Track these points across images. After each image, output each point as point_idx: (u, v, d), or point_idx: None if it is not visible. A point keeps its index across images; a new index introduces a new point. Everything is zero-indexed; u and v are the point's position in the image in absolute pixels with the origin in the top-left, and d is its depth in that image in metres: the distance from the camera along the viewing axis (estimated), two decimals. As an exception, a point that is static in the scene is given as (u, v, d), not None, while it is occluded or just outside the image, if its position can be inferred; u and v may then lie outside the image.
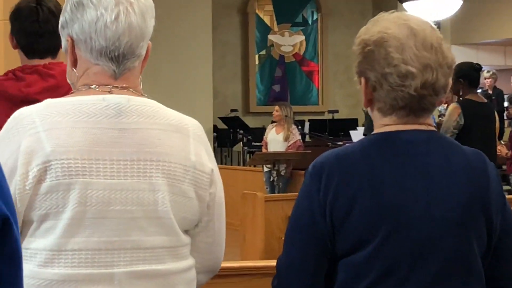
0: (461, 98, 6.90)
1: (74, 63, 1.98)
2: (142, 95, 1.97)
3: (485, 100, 7.20)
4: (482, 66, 7.02)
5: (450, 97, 8.02)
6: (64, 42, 1.99)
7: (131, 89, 1.95)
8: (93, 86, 1.93)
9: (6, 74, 2.82)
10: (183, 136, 1.94)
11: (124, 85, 1.94)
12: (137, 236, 1.88)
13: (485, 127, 6.73)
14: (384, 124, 2.01)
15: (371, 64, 1.98)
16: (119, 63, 1.93)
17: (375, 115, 2.04)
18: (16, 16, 2.86)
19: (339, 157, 1.97)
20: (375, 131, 2.03)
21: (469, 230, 1.95)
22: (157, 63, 11.29)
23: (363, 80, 2.02)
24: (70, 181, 1.83)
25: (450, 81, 2.02)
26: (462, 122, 6.54)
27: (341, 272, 1.97)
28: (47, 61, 2.86)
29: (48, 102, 1.91)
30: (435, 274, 1.93)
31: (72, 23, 1.94)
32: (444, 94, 2.01)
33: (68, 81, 2.02)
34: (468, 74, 6.81)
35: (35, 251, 1.85)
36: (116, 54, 1.91)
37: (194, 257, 2.02)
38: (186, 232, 1.98)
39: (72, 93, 1.97)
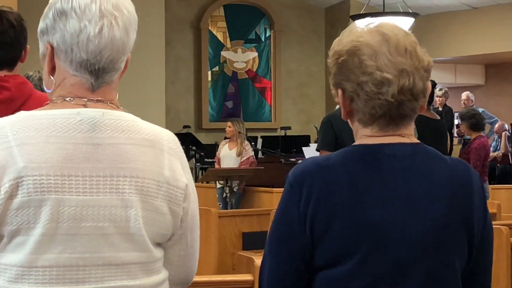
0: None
1: (52, 71, 1.94)
2: (118, 108, 1.94)
3: (438, 117, 7.27)
4: (436, 82, 7.08)
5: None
6: (42, 48, 1.95)
7: (107, 102, 1.92)
8: (68, 99, 1.90)
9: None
10: (157, 151, 1.92)
11: (99, 98, 1.91)
12: (109, 253, 1.86)
13: (437, 143, 6.78)
14: (365, 135, 1.98)
15: (346, 75, 1.96)
16: (98, 77, 1.90)
17: (356, 127, 2.01)
18: None
19: (321, 167, 1.94)
20: (357, 142, 2.00)
21: (450, 248, 1.94)
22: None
23: (340, 91, 1.99)
24: (42, 197, 1.81)
25: (429, 84, 1.99)
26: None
27: (319, 286, 1.94)
28: (2, 73, 2.82)
29: (22, 115, 1.88)
30: None
31: (54, 31, 1.90)
32: (424, 98, 1.97)
33: (45, 88, 1.98)
34: None
35: (5, 267, 1.83)
36: (96, 67, 1.89)
37: (167, 269, 2.01)
38: (158, 245, 1.96)
39: (47, 104, 1.94)
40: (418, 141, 2.01)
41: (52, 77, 1.94)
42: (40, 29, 1.95)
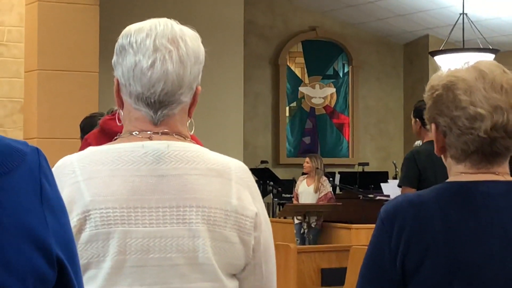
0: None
1: (121, 105, 1.98)
2: (185, 139, 1.95)
3: None
4: None
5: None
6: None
7: (173, 134, 1.94)
8: (134, 133, 1.93)
9: (113, 114, 2.93)
10: (224, 180, 1.92)
11: (165, 130, 1.93)
12: (179, 284, 1.86)
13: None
14: (458, 172, 1.97)
15: (440, 109, 1.96)
16: (156, 110, 1.92)
17: (449, 163, 2.00)
18: None
19: (413, 204, 1.93)
20: (450, 179, 1.98)
21: None
22: (189, 113, 11.34)
23: (433, 126, 1.99)
24: (109, 230, 1.83)
25: None
26: None
27: None
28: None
29: (90, 150, 1.93)
30: None
31: (118, 66, 1.95)
32: None
33: (117, 122, 2.02)
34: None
35: None
36: (152, 100, 1.91)
37: None
38: (232, 276, 1.95)
39: (116, 139, 1.97)
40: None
41: (121, 111, 1.98)
42: (112, 63, 1.99)
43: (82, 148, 2.84)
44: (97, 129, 2.92)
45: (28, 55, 8.77)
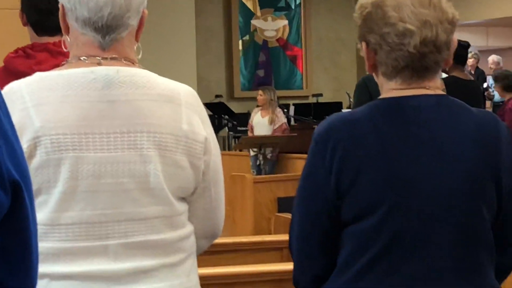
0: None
1: (67, 30, 1.98)
2: (134, 64, 1.96)
3: (471, 78, 7.19)
4: (470, 44, 7.01)
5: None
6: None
7: (121, 60, 1.94)
8: (82, 58, 1.93)
9: (16, 51, 2.80)
10: (174, 106, 1.93)
11: (113, 55, 1.93)
12: (131, 208, 1.88)
13: (471, 104, 6.74)
14: (390, 88, 1.99)
15: (370, 26, 1.97)
16: (104, 34, 1.92)
17: (380, 80, 2.02)
18: None
19: (346, 122, 1.95)
20: (382, 96, 2.00)
21: (478, 199, 1.93)
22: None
23: (364, 44, 2.01)
24: (61, 156, 1.84)
25: (454, 38, 1.99)
26: None
27: (346, 242, 1.95)
28: (56, 38, 2.85)
29: (38, 76, 1.91)
30: (442, 246, 1.90)
31: None
32: (448, 51, 1.97)
33: (63, 48, 2.01)
34: (456, 50, 6.79)
35: None
36: (100, 25, 1.91)
37: (193, 223, 2.02)
38: (182, 199, 1.98)
39: (63, 64, 1.97)
40: (443, 92, 2.01)
41: (67, 36, 1.98)
42: None
43: None
44: (1, 67, 2.81)
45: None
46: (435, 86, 1.99)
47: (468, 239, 1.93)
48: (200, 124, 1.97)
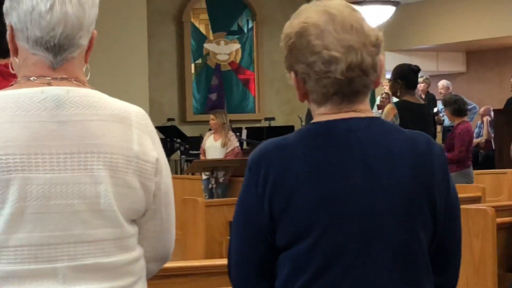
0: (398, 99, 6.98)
1: (15, 52, 1.95)
2: (84, 85, 1.94)
3: (422, 102, 7.28)
4: (420, 68, 7.11)
5: (386, 99, 8.11)
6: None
7: (71, 80, 1.92)
8: (32, 78, 1.90)
9: None
10: (125, 126, 1.92)
11: (64, 76, 1.91)
12: (81, 230, 1.85)
13: (421, 128, 6.81)
14: (321, 113, 1.99)
15: (296, 57, 1.98)
16: (56, 54, 1.90)
17: (312, 107, 2.03)
18: None
19: (278, 148, 1.95)
20: (312, 121, 2.01)
21: (413, 220, 1.93)
22: (92, 71, 11.16)
23: (292, 74, 2.01)
24: (9, 176, 1.80)
25: (381, 58, 1.99)
26: (397, 122, 6.61)
27: (283, 266, 1.95)
28: (8, 60, 2.81)
29: None
30: (376, 268, 1.91)
31: (12, 11, 1.91)
32: (375, 73, 1.98)
33: (11, 70, 1.99)
34: (406, 75, 6.89)
35: None
36: (52, 44, 1.88)
37: (143, 246, 2.00)
38: (132, 222, 1.96)
39: (12, 85, 1.94)
40: (375, 115, 2.02)
41: (16, 59, 1.95)
42: (4, 12, 1.95)
43: None
44: None
45: None
46: (365, 109, 2.00)
47: (404, 261, 1.93)
48: (151, 145, 1.96)
